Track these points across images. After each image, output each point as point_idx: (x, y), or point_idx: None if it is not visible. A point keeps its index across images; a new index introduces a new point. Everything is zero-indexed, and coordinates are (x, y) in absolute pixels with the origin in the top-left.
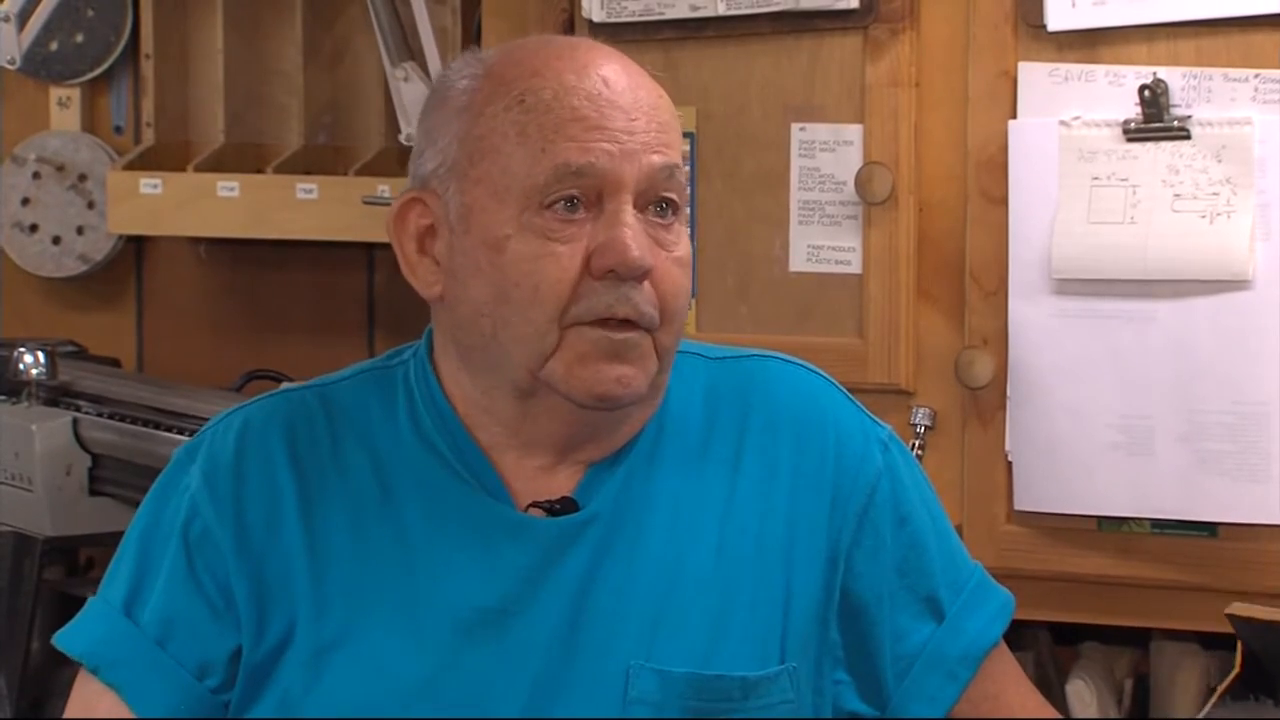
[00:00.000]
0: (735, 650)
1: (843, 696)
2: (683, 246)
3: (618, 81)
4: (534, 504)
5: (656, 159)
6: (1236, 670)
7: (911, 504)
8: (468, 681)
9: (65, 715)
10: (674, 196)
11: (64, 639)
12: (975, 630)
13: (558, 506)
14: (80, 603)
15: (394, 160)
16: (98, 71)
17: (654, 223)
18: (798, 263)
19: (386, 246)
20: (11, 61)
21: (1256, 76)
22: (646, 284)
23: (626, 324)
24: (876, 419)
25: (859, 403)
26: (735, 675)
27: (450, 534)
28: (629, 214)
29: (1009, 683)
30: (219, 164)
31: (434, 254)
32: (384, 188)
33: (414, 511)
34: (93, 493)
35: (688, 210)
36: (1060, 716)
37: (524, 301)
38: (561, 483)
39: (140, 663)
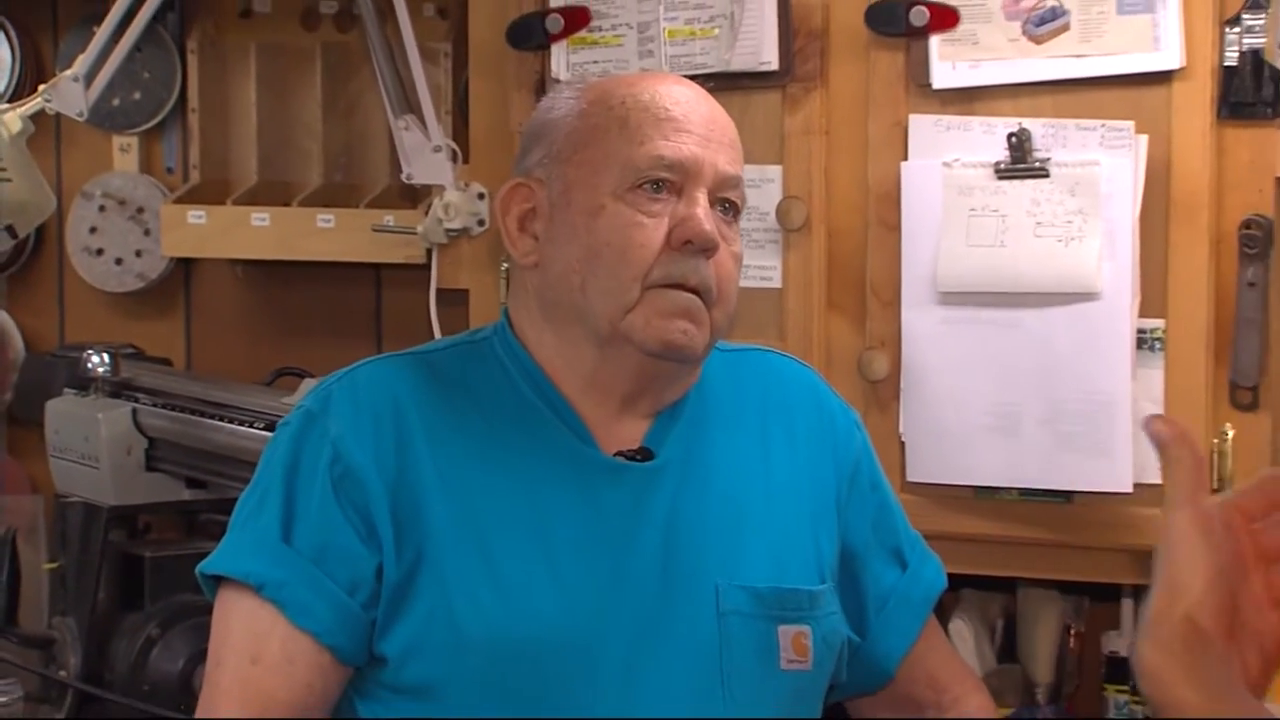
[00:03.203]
0: (798, 569)
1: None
2: (738, 245)
3: (699, 94)
4: (619, 453)
5: (729, 168)
6: None
7: (879, 474)
8: (594, 604)
9: (223, 632)
10: (736, 201)
11: (221, 565)
12: (930, 577)
13: (638, 456)
14: (138, 560)
15: (397, 195)
16: (153, 123)
17: (719, 218)
18: None
19: (392, 266)
20: (80, 114)
21: (1103, 126)
22: (711, 262)
23: (693, 293)
24: (847, 403)
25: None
26: (804, 588)
27: (558, 474)
28: (704, 199)
29: (932, 622)
30: (253, 198)
31: (532, 231)
32: (389, 218)
33: (524, 453)
34: (149, 469)
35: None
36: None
37: (613, 260)
38: (629, 430)
39: (300, 581)
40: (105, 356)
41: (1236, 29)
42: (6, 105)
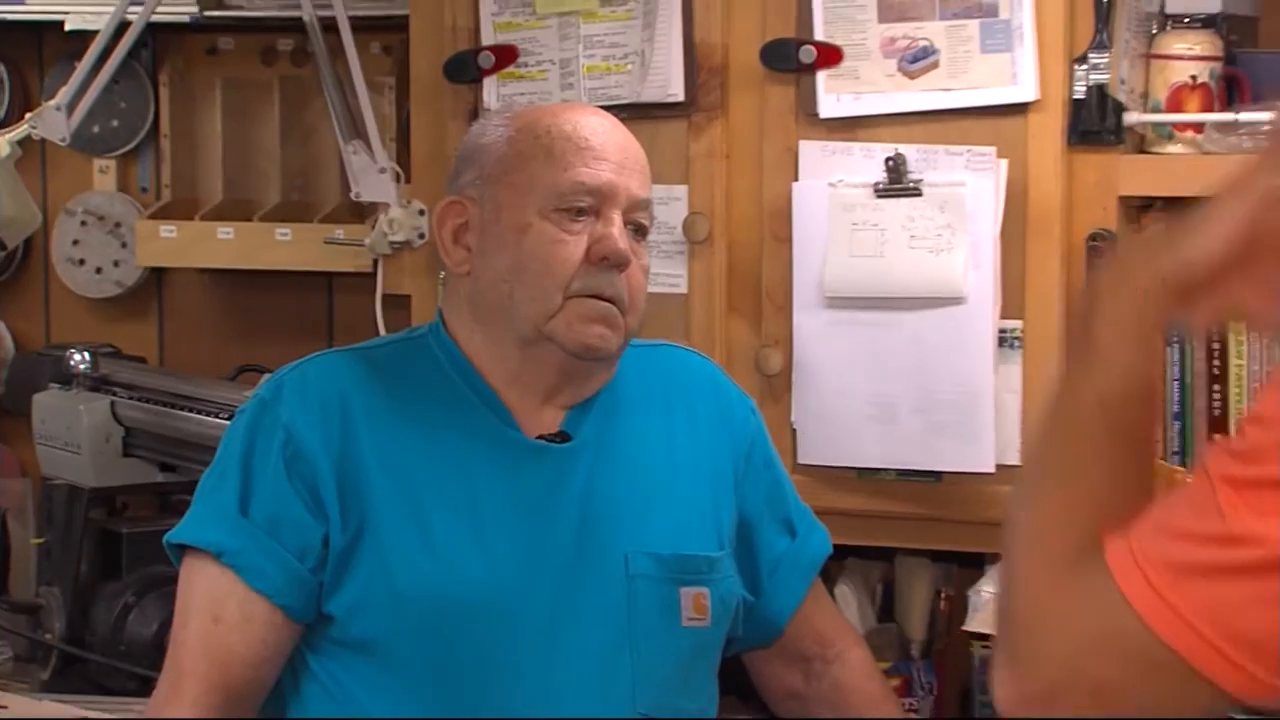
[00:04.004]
0: (699, 538)
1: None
2: (646, 259)
3: (614, 124)
4: (540, 436)
5: (640, 193)
6: None
7: (771, 453)
8: (516, 568)
9: (188, 594)
10: (645, 223)
11: (185, 535)
12: (817, 544)
13: (557, 439)
14: (116, 535)
15: (346, 212)
16: (129, 147)
17: (630, 235)
18: None
19: (344, 275)
20: (63, 140)
21: (968, 151)
22: (624, 275)
23: (609, 302)
24: (744, 392)
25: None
26: (703, 554)
27: (485, 454)
28: (619, 220)
29: (818, 585)
30: (219, 215)
31: (465, 243)
32: (339, 232)
33: (455, 435)
34: (126, 455)
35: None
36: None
37: (539, 272)
38: (549, 419)
39: (256, 549)
40: (86, 355)
41: (1084, 66)
42: None
